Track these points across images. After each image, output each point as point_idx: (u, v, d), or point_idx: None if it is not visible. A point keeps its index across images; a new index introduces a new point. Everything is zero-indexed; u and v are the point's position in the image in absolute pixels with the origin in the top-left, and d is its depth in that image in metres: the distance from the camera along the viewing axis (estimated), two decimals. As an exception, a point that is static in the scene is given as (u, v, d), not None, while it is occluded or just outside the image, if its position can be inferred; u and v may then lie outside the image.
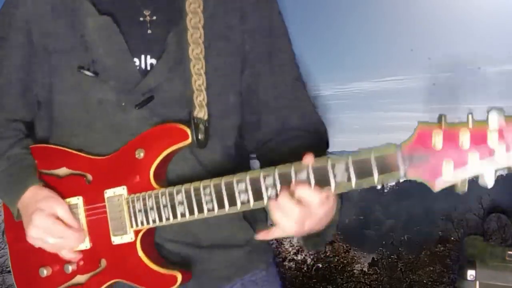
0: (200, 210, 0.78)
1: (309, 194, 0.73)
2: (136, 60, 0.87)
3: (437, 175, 0.65)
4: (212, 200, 0.77)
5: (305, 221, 0.75)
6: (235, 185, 0.76)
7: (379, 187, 0.76)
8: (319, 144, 0.92)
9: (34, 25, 0.90)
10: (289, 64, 0.97)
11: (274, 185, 0.74)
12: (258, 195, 0.75)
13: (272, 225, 0.83)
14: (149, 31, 0.88)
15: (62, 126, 0.91)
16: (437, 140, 0.65)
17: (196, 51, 0.87)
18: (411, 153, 0.67)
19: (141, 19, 0.88)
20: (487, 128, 0.62)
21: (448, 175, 0.64)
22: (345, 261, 10.60)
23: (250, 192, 0.75)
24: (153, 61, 0.87)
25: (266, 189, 0.74)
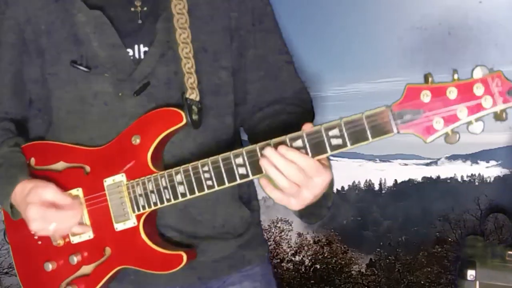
0: (200, 188, 0.80)
1: (299, 157, 0.74)
2: (129, 50, 0.88)
3: (428, 127, 0.69)
4: (211, 177, 0.79)
5: (303, 189, 0.76)
6: (232, 159, 0.77)
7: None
8: (305, 116, 0.94)
9: (26, 23, 0.91)
10: (273, 34, 0.99)
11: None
12: (256, 168, 0.77)
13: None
14: (139, 21, 0.89)
15: (58, 121, 0.92)
16: (425, 95, 0.69)
17: (183, 35, 0.89)
18: (401, 109, 0.70)
19: (132, 9, 0.90)
20: (472, 79, 0.68)
21: (438, 126, 0.69)
22: (343, 262, 10.60)
23: (248, 165, 0.77)
24: (146, 49, 0.89)
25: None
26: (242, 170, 0.78)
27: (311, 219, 0.85)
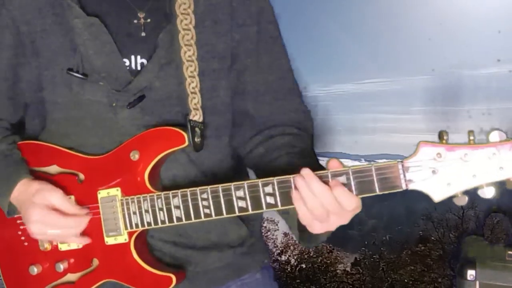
0: (197, 215, 0.79)
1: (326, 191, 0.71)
2: (126, 60, 0.87)
3: (437, 187, 0.67)
4: (209, 206, 0.78)
5: (332, 215, 0.74)
6: (233, 191, 0.77)
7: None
8: (304, 140, 0.94)
9: (22, 24, 0.90)
10: (277, 58, 0.97)
11: (274, 193, 0.75)
12: (256, 203, 0.76)
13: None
14: (143, 34, 0.88)
15: (52, 126, 0.91)
16: (439, 154, 0.67)
17: (188, 53, 0.88)
18: (412, 166, 0.68)
19: (135, 21, 0.88)
20: (488, 144, 0.66)
21: (449, 187, 0.67)
22: (329, 261, 10.61)
23: (248, 200, 0.76)
24: (144, 61, 0.88)
25: (265, 196, 0.75)
26: (241, 203, 0.78)
27: (310, 243, 0.84)
